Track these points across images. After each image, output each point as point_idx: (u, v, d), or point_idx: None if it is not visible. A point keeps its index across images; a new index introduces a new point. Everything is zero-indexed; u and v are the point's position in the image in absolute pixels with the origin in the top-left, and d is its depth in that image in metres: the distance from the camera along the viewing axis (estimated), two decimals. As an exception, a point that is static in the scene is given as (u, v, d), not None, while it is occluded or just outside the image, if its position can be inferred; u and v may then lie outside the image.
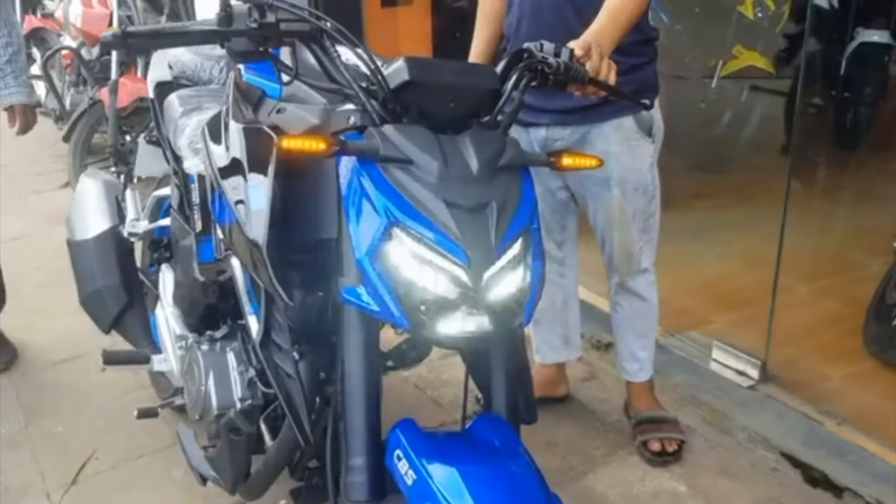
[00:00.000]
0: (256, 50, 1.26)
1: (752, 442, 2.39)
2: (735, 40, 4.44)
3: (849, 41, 4.55)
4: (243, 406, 1.66)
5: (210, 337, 1.75)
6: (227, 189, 1.36)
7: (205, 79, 2.10)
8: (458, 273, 1.13)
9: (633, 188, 2.08)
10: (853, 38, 4.55)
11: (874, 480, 2.19)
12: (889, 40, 4.52)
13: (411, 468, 1.14)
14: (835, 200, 4.13)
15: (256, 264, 1.29)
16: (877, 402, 2.56)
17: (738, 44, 4.43)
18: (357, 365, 1.24)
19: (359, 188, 1.18)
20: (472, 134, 1.22)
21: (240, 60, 1.29)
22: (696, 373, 2.72)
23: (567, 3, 1.92)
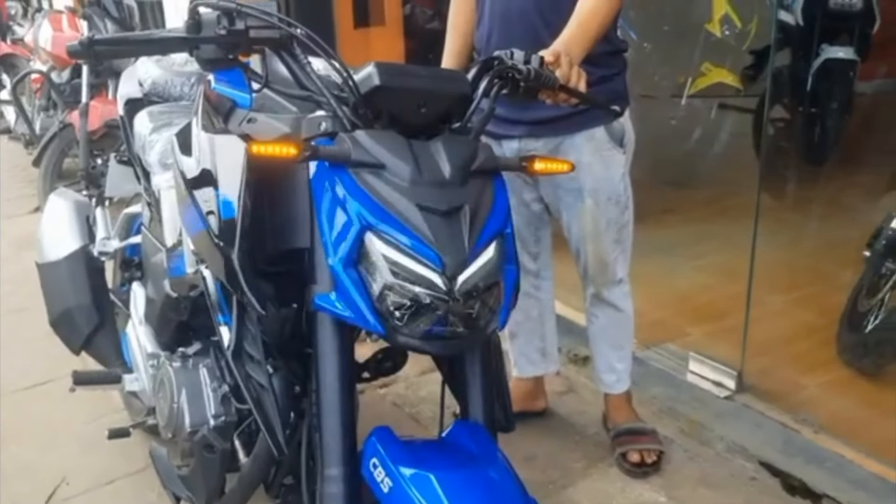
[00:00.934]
0: (226, 58, 1.26)
1: (731, 452, 2.39)
2: (703, 58, 4.51)
3: (814, 57, 4.63)
4: (217, 423, 1.63)
5: (182, 354, 1.73)
6: (199, 200, 1.34)
7: (175, 95, 2.09)
8: (432, 277, 1.12)
9: (606, 198, 2.09)
10: (818, 55, 4.63)
11: (852, 487, 2.19)
12: (853, 56, 4.60)
13: (388, 476, 1.12)
14: (805, 213, 4.18)
15: (228, 274, 1.28)
16: (852, 409, 2.58)
17: (706, 61, 4.50)
18: (331, 373, 1.22)
19: (331, 194, 1.18)
20: (443, 139, 1.22)
21: (209, 68, 1.29)
22: (673, 384, 2.72)
23: (536, 15, 1.94)
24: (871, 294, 2.77)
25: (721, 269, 3.47)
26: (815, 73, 4.61)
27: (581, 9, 1.75)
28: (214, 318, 1.39)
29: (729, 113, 4.94)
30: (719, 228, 3.86)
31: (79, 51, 1.18)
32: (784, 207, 4.13)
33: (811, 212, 4.21)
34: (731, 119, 4.95)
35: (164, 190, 1.82)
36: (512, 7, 1.96)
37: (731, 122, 4.96)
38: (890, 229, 2.67)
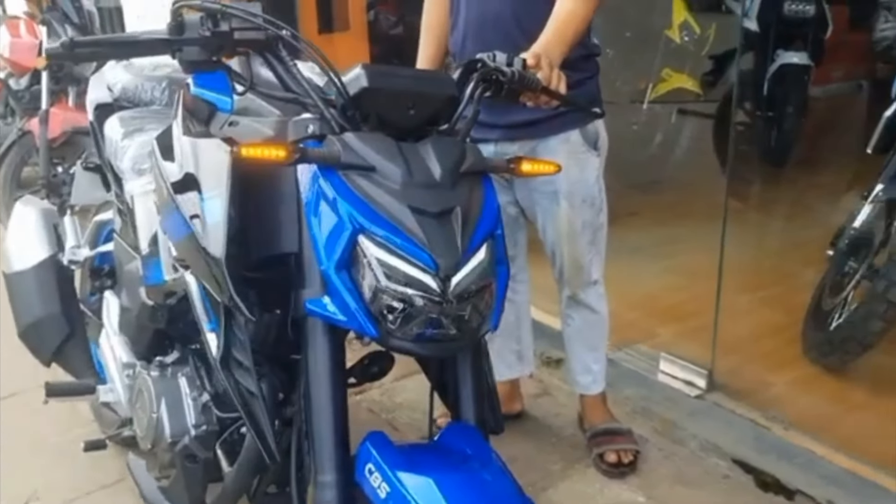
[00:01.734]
0: (209, 60, 1.24)
1: (704, 450, 2.43)
2: (663, 64, 4.58)
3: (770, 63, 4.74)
4: (198, 432, 1.60)
5: (160, 363, 1.70)
6: (182, 204, 1.32)
7: (146, 100, 2.05)
8: (426, 279, 1.12)
9: (581, 200, 2.11)
10: (774, 60, 4.73)
11: (824, 482, 2.24)
12: (807, 61, 4.72)
13: (384, 481, 1.11)
14: (767, 214, 4.27)
15: (215, 279, 1.26)
16: (820, 405, 2.63)
17: (666, 67, 4.57)
18: (324, 379, 1.21)
19: (321, 196, 1.17)
20: (432, 141, 1.22)
21: (192, 71, 1.27)
22: (645, 385, 2.75)
23: (511, 20, 1.95)
24: (835, 292, 2.83)
25: (688, 270, 3.52)
26: (772, 77, 4.72)
27: (558, 13, 1.77)
28: (200, 324, 1.36)
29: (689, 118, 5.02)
30: (684, 230, 3.92)
31: (59, 52, 1.16)
32: (747, 209, 4.21)
33: (773, 213, 4.30)
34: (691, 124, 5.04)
35: (137, 196, 1.78)
36: (487, 12, 1.97)
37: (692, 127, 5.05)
38: (852, 229, 2.74)
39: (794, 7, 4.72)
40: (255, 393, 1.27)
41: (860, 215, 2.73)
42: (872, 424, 2.52)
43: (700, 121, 4.88)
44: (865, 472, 2.26)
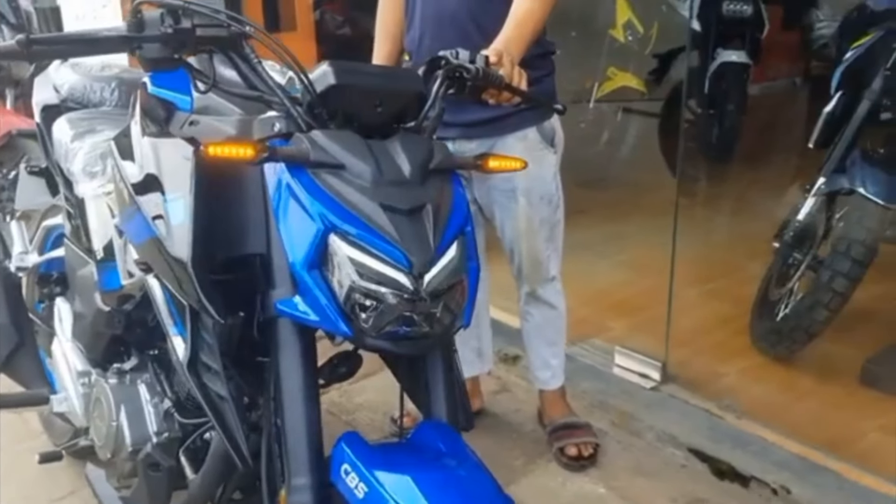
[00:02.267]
0: (170, 58, 1.21)
1: (661, 441, 2.47)
2: (608, 63, 4.64)
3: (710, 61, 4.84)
4: (160, 439, 1.57)
5: (118, 370, 1.65)
6: (144, 206, 1.29)
7: (95, 101, 2.00)
8: (399, 277, 1.11)
9: (539, 198, 2.12)
10: (714, 59, 4.84)
11: (777, 468, 2.30)
12: (746, 60, 4.83)
13: (361, 481, 1.11)
14: (712, 209, 4.36)
15: (181, 282, 1.23)
16: (770, 394, 2.70)
17: (611, 66, 4.64)
18: (295, 380, 1.20)
19: (290, 195, 1.15)
20: (400, 139, 1.21)
21: (152, 69, 1.24)
22: (601, 378, 2.79)
23: (468, 18, 1.96)
24: (781, 283, 2.92)
25: (637, 265, 3.59)
26: (712, 75, 4.83)
27: (516, 11, 1.78)
28: (165, 328, 1.33)
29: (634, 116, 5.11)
30: (631, 227, 3.99)
31: (15, 51, 1.12)
32: (693, 204, 4.28)
33: (718, 207, 4.40)
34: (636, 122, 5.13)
35: (90, 199, 1.74)
36: (444, 10, 1.97)
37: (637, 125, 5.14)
38: (796, 222, 2.82)
39: (733, 7, 4.83)
40: (224, 397, 1.25)
41: (804, 208, 2.81)
42: (820, 411, 2.60)
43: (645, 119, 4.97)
44: (816, 457, 2.32)
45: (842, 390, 2.69)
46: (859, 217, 2.59)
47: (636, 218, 4.12)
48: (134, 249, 1.38)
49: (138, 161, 1.32)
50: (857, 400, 2.63)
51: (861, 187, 2.59)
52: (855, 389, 2.69)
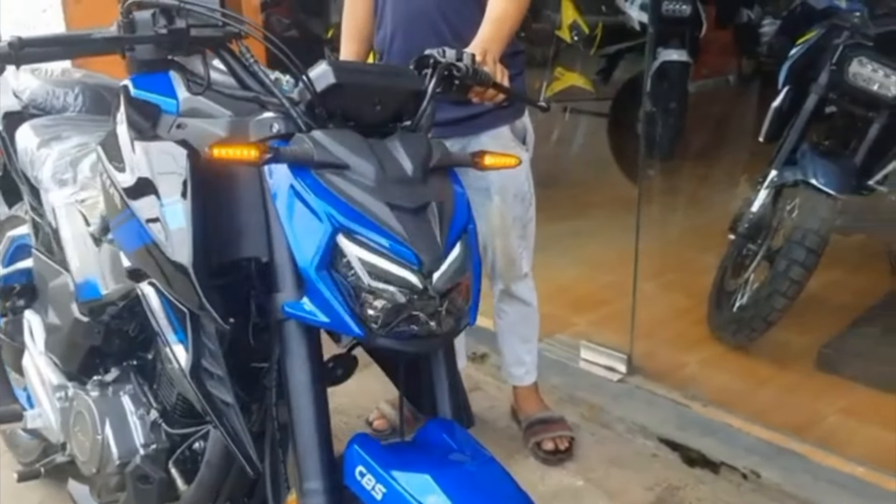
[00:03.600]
0: (163, 59, 1.19)
1: (631, 431, 2.52)
2: (556, 62, 4.70)
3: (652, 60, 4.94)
4: (148, 451, 1.54)
5: (99, 382, 1.61)
6: (137, 211, 1.26)
7: (58, 107, 1.94)
8: (408, 276, 1.11)
9: (513, 195, 2.14)
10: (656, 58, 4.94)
11: (745, 453, 2.36)
12: (686, 58, 4.95)
13: (379, 482, 1.10)
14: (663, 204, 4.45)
15: (181, 288, 1.20)
16: (732, 381, 2.78)
17: (558, 66, 4.69)
18: (305, 383, 1.18)
19: (295, 196, 1.14)
20: (399, 137, 1.21)
21: (144, 70, 1.21)
22: (568, 373, 2.83)
23: (440, 18, 1.96)
24: (737, 274, 3.00)
25: (595, 261, 3.64)
26: (654, 74, 4.93)
27: (494, 10, 1.79)
28: (164, 336, 1.29)
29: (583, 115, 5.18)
30: (586, 224, 4.05)
31: (6, 53, 1.08)
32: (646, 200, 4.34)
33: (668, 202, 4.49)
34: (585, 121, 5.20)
35: (61, 208, 1.69)
36: (415, 10, 1.97)
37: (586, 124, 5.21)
38: (751, 213, 2.90)
39: (672, 7, 4.94)
40: (230, 403, 1.23)
41: (757, 200, 2.89)
42: (780, 396, 2.68)
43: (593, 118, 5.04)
44: (781, 441, 2.40)
45: (799, 376, 2.78)
46: (812, 207, 2.68)
47: (590, 215, 4.19)
48: (125, 257, 1.34)
49: (129, 165, 1.28)
50: (815, 384, 2.72)
51: (813, 178, 2.68)
52: (812, 374, 2.79)
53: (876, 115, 2.78)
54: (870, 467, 2.27)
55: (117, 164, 1.30)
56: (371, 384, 1.43)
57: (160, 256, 1.22)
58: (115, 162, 1.31)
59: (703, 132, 5.16)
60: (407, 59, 1.37)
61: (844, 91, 2.79)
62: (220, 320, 1.18)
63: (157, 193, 1.23)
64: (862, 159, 2.81)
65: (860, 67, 2.72)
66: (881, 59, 2.69)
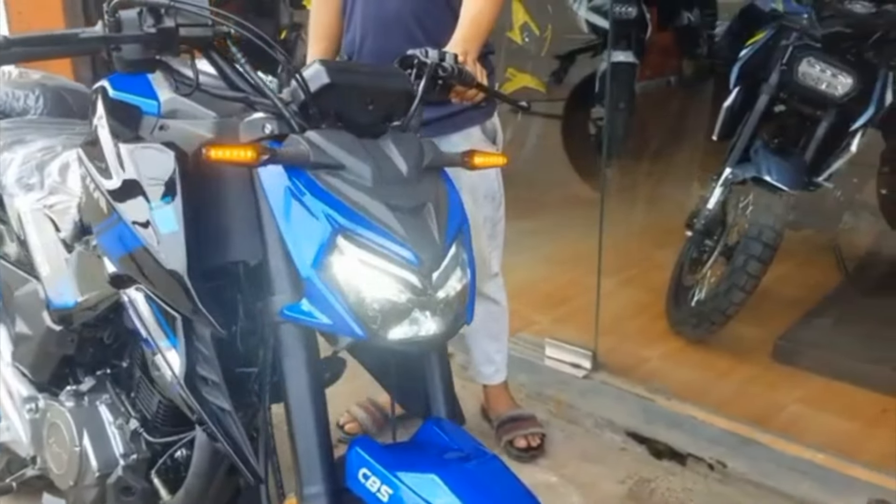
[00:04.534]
0: (150, 59, 1.16)
1: (599, 426, 2.56)
2: (507, 64, 4.73)
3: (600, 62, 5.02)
4: (129, 462, 1.50)
5: (74, 392, 1.56)
6: (125, 214, 1.22)
7: (18, 109, 1.88)
8: (409, 276, 1.11)
9: (483, 196, 2.15)
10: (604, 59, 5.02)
11: (711, 444, 2.42)
12: (633, 59, 5.04)
13: (384, 484, 1.09)
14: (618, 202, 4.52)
15: (174, 293, 1.18)
16: (693, 374, 2.84)
17: (510, 67, 4.73)
18: (304, 386, 1.17)
19: (292, 198, 1.13)
20: (392, 137, 1.21)
21: (129, 71, 1.18)
22: (534, 370, 2.85)
23: (413, 20, 1.96)
24: (694, 270, 3.07)
25: (555, 259, 3.68)
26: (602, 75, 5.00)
27: (469, 10, 1.80)
28: (155, 344, 1.26)
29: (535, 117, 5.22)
30: (543, 223, 4.08)
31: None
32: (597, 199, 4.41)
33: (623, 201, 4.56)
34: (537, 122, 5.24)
35: (28, 214, 1.63)
36: (387, 11, 1.96)
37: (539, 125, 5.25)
38: (707, 210, 2.97)
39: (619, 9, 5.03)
40: (227, 409, 1.21)
41: (712, 197, 2.96)
42: (740, 388, 2.76)
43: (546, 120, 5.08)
44: (745, 432, 2.46)
45: (757, 367, 2.86)
46: (766, 203, 2.76)
47: (546, 214, 4.22)
48: (109, 263, 1.30)
49: (113, 168, 1.25)
50: (772, 375, 2.80)
51: (766, 175, 2.76)
52: (769, 366, 2.86)
53: (824, 114, 2.88)
54: (829, 454, 2.34)
55: (101, 167, 1.27)
56: (340, 387, 1.42)
57: (150, 261, 1.19)
58: (99, 165, 1.28)
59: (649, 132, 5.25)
60: (379, 61, 1.37)
61: (794, 90, 2.88)
62: (216, 325, 1.16)
63: (146, 196, 1.20)
64: (811, 157, 2.90)
65: (809, 67, 2.81)
66: (829, 60, 2.78)
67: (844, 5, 2.80)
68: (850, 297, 3.24)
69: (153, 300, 1.25)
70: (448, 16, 1.95)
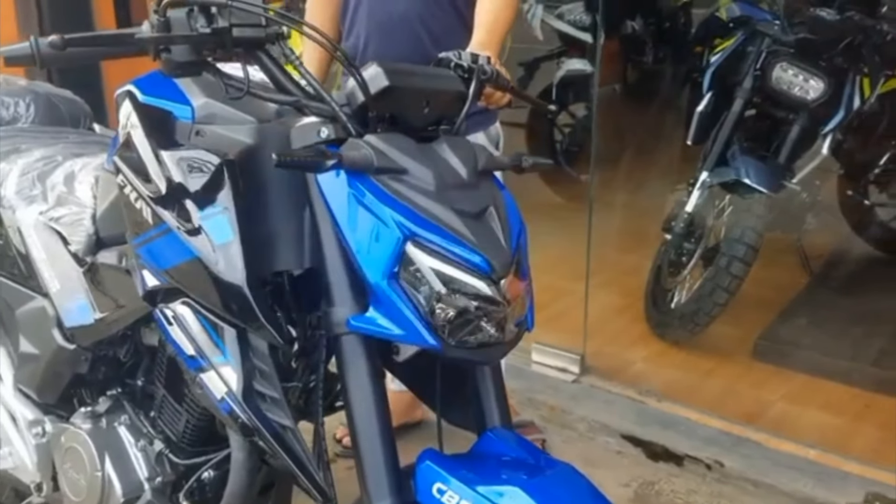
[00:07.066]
0: (200, 61, 1.11)
1: (593, 431, 2.57)
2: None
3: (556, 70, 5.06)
4: (154, 485, 1.42)
5: (91, 413, 1.47)
6: (174, 223, 1.16)
7: (7, 118, 1.78)
8: (479, 283, 1.08)
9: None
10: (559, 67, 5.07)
11: (706, 444, 2.45)
12: (589, 68, 5.10)
13: (464, 499, 1.05)
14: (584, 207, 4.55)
15: (232, 306, 1.12)
16: (679, 375, 2.87)
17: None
18: (369, 398, 1.13)
19: (358, 204, 1.09)
20: (447, 141, 1.18)
21: (178, 74, 1.12)
22: (522, 376, 2.84)
23: (419, 23, 1.92)
24: (674, 273, 3.11)
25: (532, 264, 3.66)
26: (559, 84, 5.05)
27: (485, 16, 1.77)
28: (208, 360, 1.19)
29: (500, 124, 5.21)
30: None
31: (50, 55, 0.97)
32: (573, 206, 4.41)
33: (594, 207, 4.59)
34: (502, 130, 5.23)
35: (30, 227, 1.54)
36: (393, 14, 1.93)
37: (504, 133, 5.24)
38: (685, 213, 3.01)
39: (572, 18, 5.09)
40: (289, 426, 1.15)
41: (690, 200, 3.00)
42: (727, 387, 2.80)
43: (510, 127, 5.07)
44: (738, 431, 2.51)
45: (740, 367, 2.91)
46: (748, 205, 2.82)
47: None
48: (149, 276, 1.23)
49: (155, 176, 1.18)
50: (756, 374, 2.86)
51: (746, 178, 2.82)
52: (751, 365, 2.92)
53: (796, 118, 2.95)
54: (821, 450, 2.40)
55: (142, 175, 1.20)
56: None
57: (203, 273, 1.13)
58: (140, 173, 1.21)
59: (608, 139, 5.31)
60: None
61: (768, 95, 2.95)
62: (278, 339, 1.11)
63: (197, 203, 1.14)
64: (784, 159, 2.97)
65: (782, 72, 2.88)
66: (801, 65, 2.86)
67: (814, 12, 2.88)
68: (819, 297, 3.33)
69: (202, 314, 1.18)
70: (454, 19, 1.93)
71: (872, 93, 2.92)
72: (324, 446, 1.23)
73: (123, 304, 1.37)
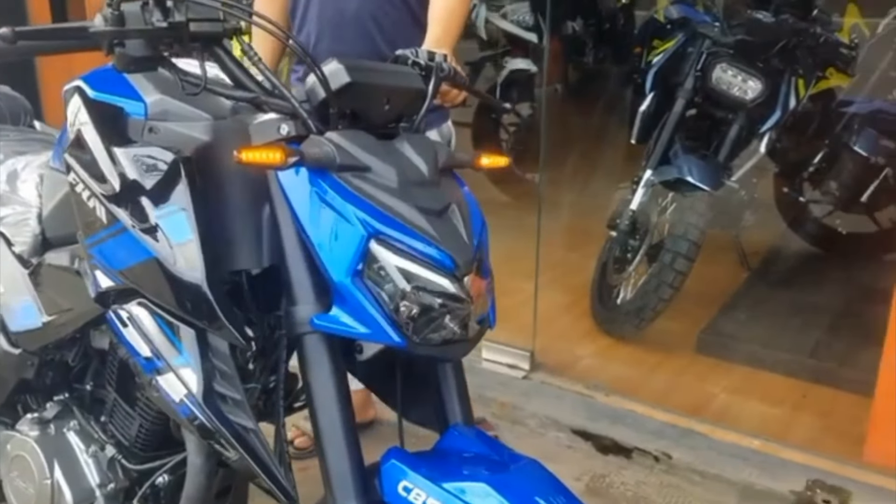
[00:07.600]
0: (156, 56, 1.08)
1: (544, 426, 2.59)
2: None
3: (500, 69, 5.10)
4: (107, 492, 1.38)
5: (38, 419, 1.43)
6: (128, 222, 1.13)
7: None
8: (443, 280, 1.08)
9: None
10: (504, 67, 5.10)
11: (654, 437, 2.50)
12: (532, 67, 5.15)
13: (431, 496, 1.05)
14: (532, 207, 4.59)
15: (191, 306, 1.10)
16: (625, 370, 2.92)
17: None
18: (332, 398, 1.12)
19: (320, 202, 1.08)
20: (407, 138, 1.18)
21: (132, 70, 1.10)
22: (472, 373, 2.77)
23: (371, 21, 1.92)
24: (620, 269, 3.16)
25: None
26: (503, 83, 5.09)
27: (439, 11, 1.77)
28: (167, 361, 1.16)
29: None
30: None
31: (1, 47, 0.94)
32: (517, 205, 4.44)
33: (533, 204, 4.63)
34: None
35: None
36: (345, 11, 1.91)
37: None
38: (630, 211, 3.06)
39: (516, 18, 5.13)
40: (251, 428, 1.13)
41: (635, 198, 3.05)
42: (671, 381, 2.86)
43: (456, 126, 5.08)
44: (683, 423, 2.56)
45: (684, 360, 2.98)
46: (691, 203, 2.89)
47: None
48: (103, 277, 1.19)
49: (108, 175, 1.15)
50: (699, 368, 2.93)
51: (689, 176, 2.88)
52: (694, 358, 2.99)
53: (735, 117, 3.03)
54: (763, 439, 2.47)
55: (95, 173, 1.17)
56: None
57: (161, 272, 1.10)
58: (92, 170, 1.17)
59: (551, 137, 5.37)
60: None
61: (708, 95, 3.02)
62: (240, 339, 1.09)
63: (152, 202, 1.12)
64: (724, 158, 3.05)
65: (722, 73, 2.95)
66: (740, 66, 2.93)
67: (751, 15, 2.96)
68: (758, 291, 3.43)
69: (159, 315, 1.15)
70: (406, 16, 1.93)
71: (806, 93, 3.02)
72: (285, 447, 1.21)
73: (72, 307, 1.33)
